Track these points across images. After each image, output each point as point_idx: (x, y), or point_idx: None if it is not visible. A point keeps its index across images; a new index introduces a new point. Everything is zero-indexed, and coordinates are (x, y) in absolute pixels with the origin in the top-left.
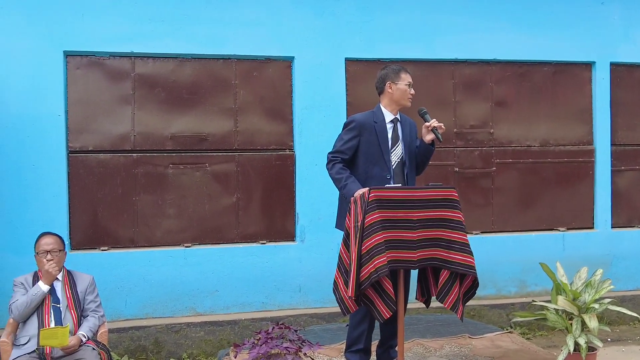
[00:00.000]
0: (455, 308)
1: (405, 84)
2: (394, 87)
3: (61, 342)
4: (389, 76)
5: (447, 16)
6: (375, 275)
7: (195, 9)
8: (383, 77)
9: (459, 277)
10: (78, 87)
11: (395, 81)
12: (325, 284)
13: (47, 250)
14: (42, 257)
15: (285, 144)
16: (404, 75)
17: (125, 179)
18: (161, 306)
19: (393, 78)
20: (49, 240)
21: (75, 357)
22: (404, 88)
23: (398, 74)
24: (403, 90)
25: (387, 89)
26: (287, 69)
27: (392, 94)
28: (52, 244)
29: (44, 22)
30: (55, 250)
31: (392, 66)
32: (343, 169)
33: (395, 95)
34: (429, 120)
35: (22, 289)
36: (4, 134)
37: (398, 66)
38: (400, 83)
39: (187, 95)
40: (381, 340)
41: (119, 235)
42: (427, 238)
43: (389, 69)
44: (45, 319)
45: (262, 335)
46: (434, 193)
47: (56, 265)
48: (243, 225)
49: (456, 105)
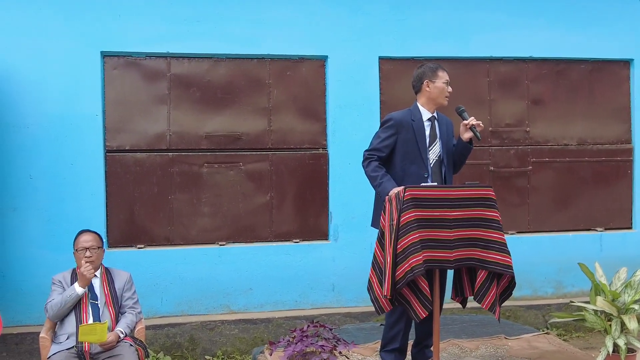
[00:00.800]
0: (493, 309)
1: (442, 82)
2: (431, 86)
3: (99, 338)
4: (426, 74)
5: (482, 13)
6: (411, 274)
7: (230, 9)
8: (420, 76)
9: (496, 277)
10: (115, 87)
11: (432, 79)
12: (358, 283)
13: (86, 247)
14: (81, 254)
15: (318, 143)
16: (441, 74)
17: (161, 178)
18: (196, 304)
19: (430, 76)
20: (88, 238)
21: (113, 353)
22: (442, 86)
23: (435, 72)
24: (441, 88)
25: (425, 87)
26: (321, 68)
27: (429, 92)
28: (90, 241)
29: (82, 23)
30: (94, 248)
31: (429, 64)
32: (379, 167)
33: (433, 94)
34: (467, 118)
35: (59, 287)
36: (43, 133)
37: (435, 64)
38: (438, 81)
39: (222, 95)
40: (416, 340)
41: (155, 234)
42: (464, 238)
43: (426, 67)
44: (83, 316)
45: (298, 334)
46: (470, 192)
47: (92, 268)
48: (276, 224)
49: (491, 104)
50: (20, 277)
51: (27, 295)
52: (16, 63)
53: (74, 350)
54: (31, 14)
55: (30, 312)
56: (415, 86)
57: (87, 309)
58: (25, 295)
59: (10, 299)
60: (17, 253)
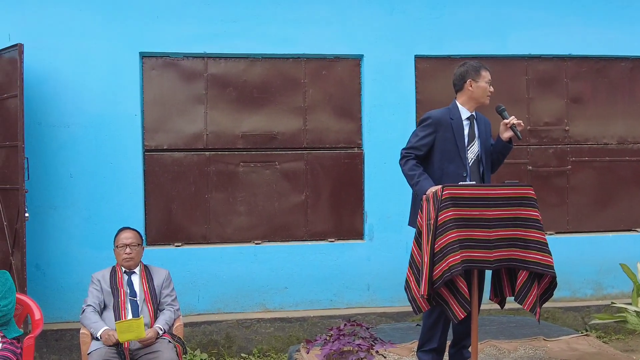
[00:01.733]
0: (534, 310)
1: (485, 82)
2: (474, 85)
3: (138, 334)
4: (469, 74)
5: (519, 11)
6: (449, 274)
7: (266, 9)
8: (463, 75)
9: (537, 277)
10: (153, 87)
11: (475, 79)
12: (394, 282)
13: (126, 244)
14: (121, 251)
15: (353, 142)
16: (484, 73)
17: (198, 177)
18: (232, 302)
19: (473, 76)
20: (128, 235)
21: (152, 350)
22: (485, 86)
23: (479, 72)
24: (483, 88)
25: (468, 86)
26: (356, 67)
27: (472, 91)
28: (131, 238)
29: (121, 24)
30: (134, 245)
31: (471, 63)
32: (416, 165)
33: (475, 93)
34: (507, 118)
35: (97, 286)
36: (83, 133)
37: (478, 63)
38: (481, 81)
39: (258, 95)
40: (454, 340)
41: (192, 232)
42: (504, 237)
43: (469, 66)
44: (122, 313)
45: (334, 332)
46: (510, 191)
47: (113, 338)
48: (312, 223)
49: (530, 102)
50: (61, 274)
51: (67, 292)
52: (57, 64)
53: (114, 346)
54: (72, 16)
55: (70, 309)
56: (456, 85)
57: (126, 306)
58: (65, 291)
59: (51, 295)
60: (57, 250)
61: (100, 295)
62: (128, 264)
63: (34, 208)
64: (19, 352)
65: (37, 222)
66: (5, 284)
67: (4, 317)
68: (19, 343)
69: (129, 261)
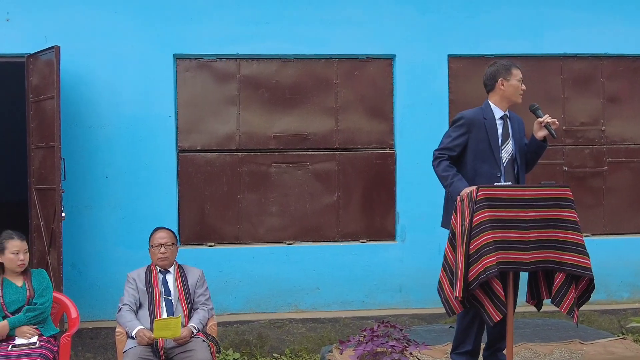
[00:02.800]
0: (572, 312)
1: (517, 80)
2: (505, 84)
3: (174, 333)
4: (500, 73)
5: (554, 9)
6: (484, 275)
7: (298, 10)
8: (493, 74)
9: (574, 279)
10: (187, 88)
11: (507, 77)
12: (426, 284)
13: (161, 244)
14: (156, 250)
15: (385, 143)
16: (515, 71)
17: (231, 178)
18: (264, 302)
19: (504, 74)
20: (163, 235)
21: (187, 348)
22: (516, 84)
23: (509, 70)
24: (515, 86)
25: (499, 85)
26: (389, 67)
27: (503, 90)
28: (165, 238)
29: (155, 27)
30: (169, 244)
31: (501, 62)
32: (450, 166)
33: (507, 92)
34: (541, 116)
35: (133, 285)
36: (118, 134)
37: (508, 62)
38: (512, 79)
39: (290, 95)
40: (488, 343)
41: (225, 232)
42: (540, 239)
43: (499, 65)
44: (157, 311)
45: (368, 333)
46: (547, 192)
47: (146, 338)
48: (343, 223)
49: (565, 102)
50: (96, 273)
51: (102, 290)
52: (93, 66)
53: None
54: (108, 18)
55: (105, 307)
56: (487, 84)
57: (160, 305)
58: (101, 290)
59: (86, 294)
60: (93, 249)
61: (135, 294)
62: (163, 264)
63: (70, 208)
64: (56, 350)
65: (73, 222)
66: (42, 282)
67: (41, 315)
68: (55, 341)
69: (164, 260)
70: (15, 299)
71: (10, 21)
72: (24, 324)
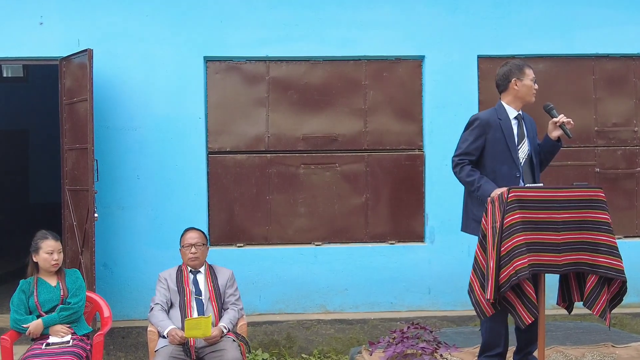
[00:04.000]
0: (604, 315)
1: (530, 80)
2: (519, 84)
3: (204, 332)
4: (513, 73)
5: (586, 9)
6: (515, 277)
7: (327, 12)
8: (507, 74)
9: (606, 282)
10: (217, 91)
11: (520, 77)
12: (456, 286)
13: (192, 244)
14: (187, 251)
15: (414, 144)
16: (528, 71)
17: (260, 179)
18: (293, 302)
19: (518, 74)
20: (194, 235)
21: (217, 348)
22: (530, 84)
23: (522, 70)
24: (529, 86)
25: (513, 86)
26: (418, 68)
27: (517, 90)
28: (196, 238)
29: (186, 30)
30: (199, 245)
31: (514, 62)
32: (473, 170)
33: (521, 92)
34: (556, 116)
35: (164, 284)
36: (150, 135)
37: (520, 61)
38: (526, 79)
39: (318, 97)
40: (519, 346)
41: (254, 233)
42: (573, 241)
43: (512, 65)
44: (188, 311)
45: (397, 335)
46: (579, 193)
47: (178, 338)
48: (372, 225)
49: (597, 103)
50: (127, 272)
51: (133, 290)
52: (125, 69)
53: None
54: (139, 22)
55: (137, 307)
56: (500, 85)
57: (191, 305)
58: (132, 290)
59: (118, 293)
60: (124, 250)
61: (167, 293)
62: (193, 264)
63: (102, 208)
64: (89, 348)
65: (106, 222)
66: (75, 282)
67: (74, 314)
68: (88, 340)
69: (195, 260)
70: (49, 298)
71: (43, 25)
72: (58, 323)
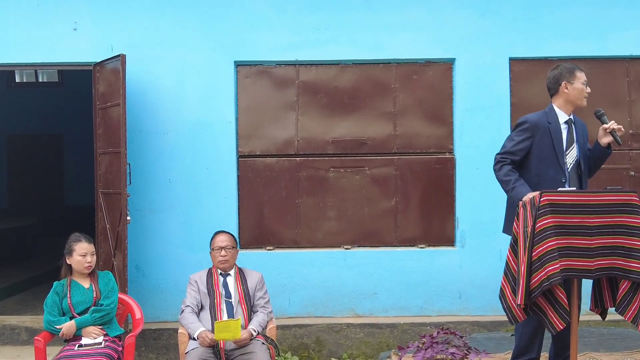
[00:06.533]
0: (636, 321)
1: (581, 83)
2: (570, 87)
3: (234, 334)
4: (563, 76)
5: (620, 10)
6: (547, 283)
7: (357, 15)
8: (557, 77)
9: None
10: (247, 95)
11: (571, 81)
12: (487, 291)
13: (222, 247)
14: (217, 254)
15: (445, 147)
16: (579, 74)
17: (289, 182)
18: (322, 306)
19: (568, 77)
20: (224, 238)
21: (246, 351)
22: (581, 87)
23: (573, 73)
24: (580, 89)
25: (563, 89)
26: (448, 71)
27: (568, 94)
28: (226, 241)
29: (217, 34)
30: (229, 248)
31: (565, 65)
32: (512, 171)
33: (572, 95)
34: (607, 122)
35: (195, 287)
36: (181, 139)
37: (572, 65)
38: (577, 82)
39: (348, 101)
40: (555, 352)
41: (283, 236)
42: (606, 246)
43: (563, 68)
44: (218, 314)
45: (427, 339)
46: (612, 197)
47: (208, 340)
48: (401, 228)
49: (632, 105)
50: (159, 275)
51: (165, 292)
52: (157, 74)
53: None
54: (171, 27)
55: (168, 309)
56: (551, 88)
57: (221, 307)
58: (163, 292)
59: (149, 295)
60: (156, 252)
61: (197, 296)
62: (223, 266)
63: (134, 211)
64: (120, 350)
65: (138, 225)
66: (108, 284)
67: (107, 315)
68: (120, 341)
69: (224, 263)
70: (82, 300)
71: (77, 31)
72: (91, 325)
